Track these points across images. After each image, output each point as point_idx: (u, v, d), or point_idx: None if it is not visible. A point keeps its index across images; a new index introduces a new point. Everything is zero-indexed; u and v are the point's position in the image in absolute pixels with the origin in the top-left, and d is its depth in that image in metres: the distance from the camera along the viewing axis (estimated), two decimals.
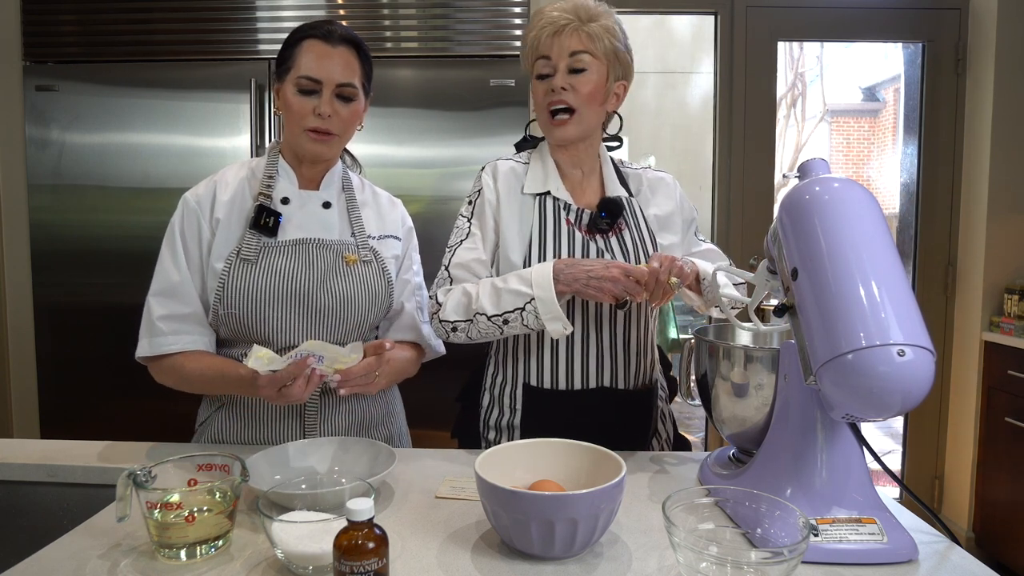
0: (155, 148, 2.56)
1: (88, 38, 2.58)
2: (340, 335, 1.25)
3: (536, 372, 1.27)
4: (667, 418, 1.38)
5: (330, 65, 1.20)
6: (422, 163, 2.57)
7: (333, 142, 1.24)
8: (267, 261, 1.21)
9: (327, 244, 1.25)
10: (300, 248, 1.23)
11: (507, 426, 1.30)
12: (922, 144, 2.90)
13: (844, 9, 2.83)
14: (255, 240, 1.21)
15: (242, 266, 1.19)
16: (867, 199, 0.89)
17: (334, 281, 1.23)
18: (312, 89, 1.20)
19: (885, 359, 0.76)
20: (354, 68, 1.23)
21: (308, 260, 1.22)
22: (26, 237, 2.64)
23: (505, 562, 0.83)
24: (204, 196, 1.24)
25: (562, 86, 1.22)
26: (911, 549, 0.84)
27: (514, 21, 2.55)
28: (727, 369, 1.02)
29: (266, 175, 1.26)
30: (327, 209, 1.28)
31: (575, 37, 1.22)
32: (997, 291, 2.74)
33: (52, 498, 1.17)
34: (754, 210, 2.86)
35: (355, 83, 1.23)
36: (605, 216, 1.26)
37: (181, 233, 1.22)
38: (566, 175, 1.32)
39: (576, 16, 1.23)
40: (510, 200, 1.29)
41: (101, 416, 2.64)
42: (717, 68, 2.85)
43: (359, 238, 1.28)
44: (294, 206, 1.26)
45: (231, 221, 1.22)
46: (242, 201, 1.24)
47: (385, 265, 1.29)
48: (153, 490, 0.83)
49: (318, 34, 1.21)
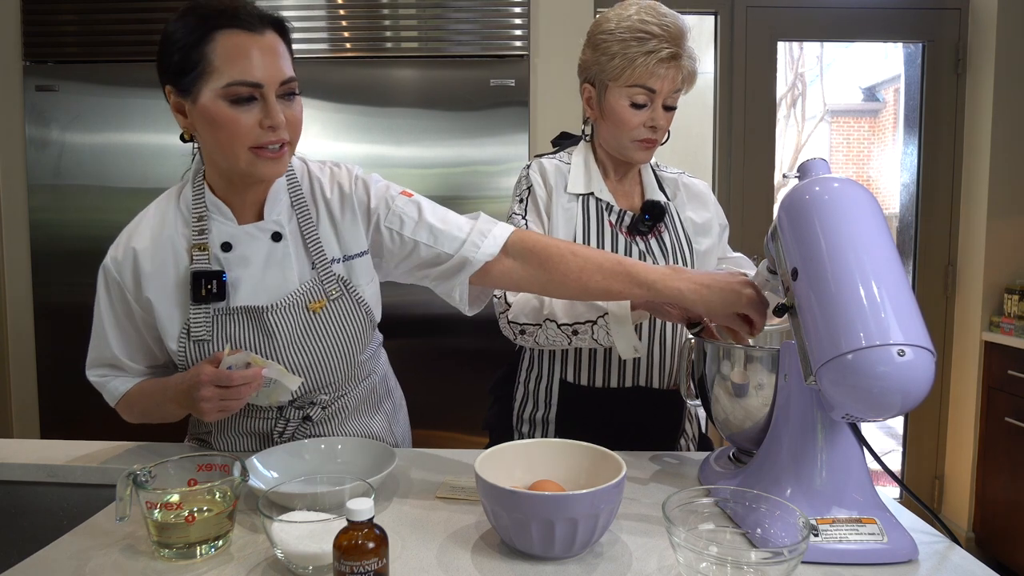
0: (155, 148, 2.57)
1: (88, 38, 2.58)
2: (326, 382, 1.13)
3: (573, 369, 1.29)
4: (693, 418, 1.40)
5: (266, 61, 0.94)
6: (422, 163, 2.57)
7: (286, 154, 1.00)
8: (224, 334, 1.04)
9: (285, 305, 1.05)
10: (256, 317, 1.04)
11: (542, 420, 1.32)
12: (922, 144, 2.90)
13: (844, 9, 2.83)
14: (203, 314, 1.02)
15: (198, 347, 1.04)
16: (867, 199, 0.89)
17: (305, 338, 1.07)
18: (250, 96, 0.94)
19: (885, 359, 0.76)
20: (286, 55, 0.98)
21: (268, 329, 1.05)
22: (26, 237, 2.64)
23: (505, 562, 0.83)
24: (125, 270, 1.05)
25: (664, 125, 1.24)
26: (911, 549, 0.84)
27: (514, 21, 2.55)
28: (727, 369, 1.02)
29: (194, 220, 1.03)
30: (278, 242, 1.06)
31: (677, 71, 1.20)
32: (997, 291, 2.74)
33: (52, 498, 1.17)
34: (754, 210, 2.86)
35: (294, 75, 0.99)
36: (648, 219, 1.28)
37: (111, 312, 1.08)
38: (608, 177, 1.33)
39: (680, 44, 1.19)
40: (558, 198, 1.29)
41: (101, 416, 2.61)
42: (717, 68, 2.85)
43: (321, 270, 1.07)
44: (238, 251, 1.04)
45: (166, 295, 1.04)
46: (172, 263, 1.04)
47: (359, 294, 1.10)
48: (153, 490, 0.83)
49: (236, 23, 0.93)
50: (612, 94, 1.23)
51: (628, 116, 1.23)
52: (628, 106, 1.22)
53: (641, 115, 1.22)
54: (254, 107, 0.95)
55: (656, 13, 1.19)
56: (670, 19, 1.19)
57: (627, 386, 1.28)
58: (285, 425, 1.16)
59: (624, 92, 1.22)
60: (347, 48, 2.58)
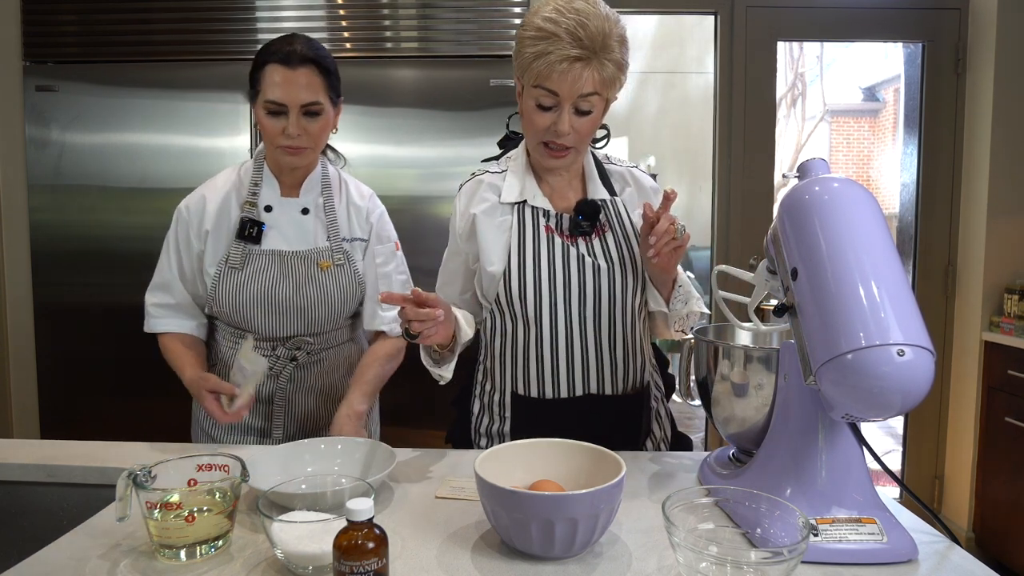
0: (155, 148, 2.57)
1: (88, 38, 2.58)
2: (315, 329, 1.41)
3: (523, 381, 1.26)
4: (663, 418, 1.37)
5: (292, 90, 1.28)
6: (422, 163, 2.57)
7: (304, 154, 1.34)
8: (251, 268, 1.36)
9: (303, 255, 1.38)
10: (279, 259, 1.37)
11: (498, 433, 1.30)
12: (922, 144, 2.90)
13: (844, 9, 2.83)
14: (240, 249, 1.35)
15: (230, 273, 1.35)
16: (867, 199, 0.89)
17: (309, 287, 1.37)
18: (279, 111, 1.29)
19: (885, 359, 0.76)
20: (317, 86, 1.30)
21: (286, 270, 1.36)
22: (26, 237, 2.64)
23: (505, 562, 0.83)
24: (194, 210, 1.38)
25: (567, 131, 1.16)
26: (911, 549, 0.84)
27: (513, 21, 2.55)
28: (727, 369, 1.02)
29: (252, 183, 1.39)
30: (305, 215, 1.40)
31: (588, 76, 1.11)
32: (997, 291, 2.74)
33: (52, 498, 1.17)
34: (754, 210, 2.86)
35: (319, 100, 1.31)
36: (583, 219, 1.25)
37: (175, 242, 1.39)
38: (546, 180, 1.30)
39: (591, 48, 1.10)
40: (486, 215, 1.27)
41: (101, 416, 2.64)
42: (717, 68, 2.85)
43: (333, 242, 1.40)
44: (276, 213, 1.38)
45: (219, 231, 1.37)
46: (229, 210, 1.38)
47: (356, 267, 1.42)
48: (153, 490, 0.83)
49: (278, 59, 1.28)
50: (525, 94, 1.19)
51: (534, 118, 1.18)
52: (535, 107, 1.17)
53: (546, 118, 1.16)
54: (282, 118, 1.30)
55: (570, 10, 1.10)
56: (588, 19, 1.09)
57: (578, 395, 1.24)
58: (275, 361, 1.40)
59: (531, 93, 1.16)
60: (347, 48, 2.58)
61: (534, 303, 1.22)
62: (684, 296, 1.23)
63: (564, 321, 1.23)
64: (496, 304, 1.26)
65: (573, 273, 1.22)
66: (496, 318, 1.28)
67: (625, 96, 1.30)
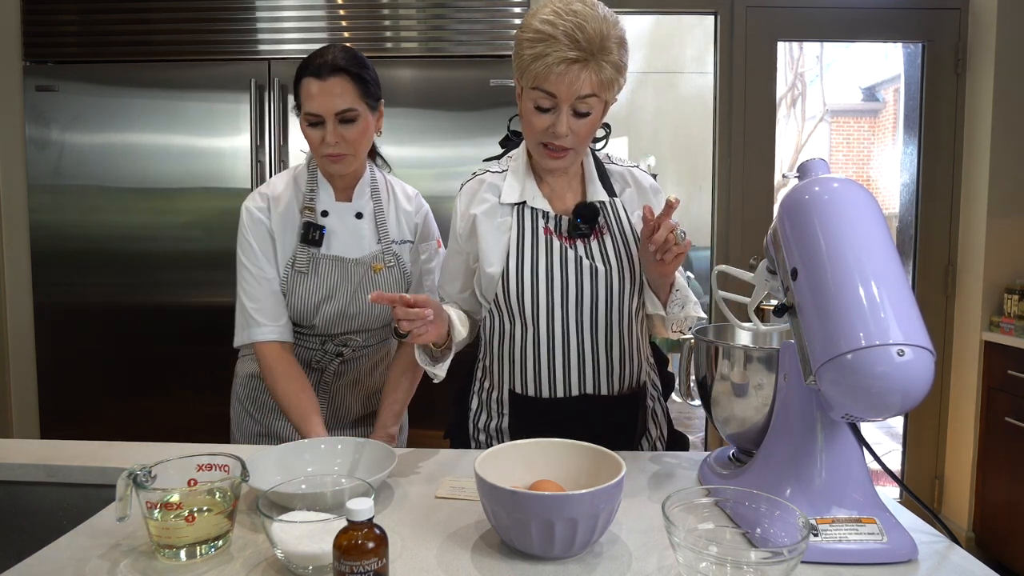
0: (155, 148, 2.56)
1: (88, 38, 2.58)
2: (366, 327, 1.49)
3: (520, 380, 1.26)
4: (659, 417, 1.37)
5: (326, 100, 1.32)
6: (422, 163, 2.57)
7: (346, 160, 1.38)
8: (314, 272, 1.42)
9: (359, 261, 1.44)
10: (339, 264, 1.43)
11: (496, 430, 1.31)
12: (922, 144, 2.90)
13: (844, 9, 2.83)
14: (305, 253, 1.41)
15: (296, 276, 1.41)
16: (867, 199, 0.89)
17: (364, 289, 1.44)
18: (317, 122, 1.33)
19: (884, 359, 0.76)
20: (349, 93, 1.33)
21: (345, 274, 1.43)
22: (26, 237, 2.64)
23: (505, 562, 0.83)
24: (264, 209, 1.43)
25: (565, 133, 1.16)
26: (911, 549, 0.84)
27: (513, 21, 2.55)
28: (727, 369, 1.02)
29: (308, 188, 1.44)
30: (359, 220, 1.46)
31: (586, 78, 1.11)
32: (997, 291, 2.74)
33: (52, 498, 1.17)
34: (754, 210, 2.86)
35: (353, 107, 1.33)
36: (582, 222, 1.25)
37: (254, 237, 1.42)
38: (545, 181, 1.30)
39: (589, 50, 1.10)
40: (486, 216, 1.27)
41: (101, 416, 2.64)
42: (717, 68, 2.85)
43: (384, 245, 1.46)
44: (333, 218, 1.44)
45: (284, 233, 1.42)
46: (291, 214, 1.43)
47: (405, 268, 1.49)
48: (153, 490, 0.83)
49: (311, 72, 1.33)
50: (523, 95, 1.20)
51: (532, 119, 1.18)
52: (533, 109, 1.17)
53: (544, 120, 1.17)
54: (320, 128, 1.34)
55: (568, 12, 1.10)
56: (586, 21, 1.09)
57: (574, 395, 1.25)
58: (323, 356, 1.49)
59: (530, 95, 1.17)
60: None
61: (531, 304, 1.22)
62: (681, 300, 1.23)
63: (561, 322, 1.23)
64: (495, 304, 1.27)
65: (570, 275, 1.22)
66: (495, 318, 1.28)
67: (624, 96, 1.30)
